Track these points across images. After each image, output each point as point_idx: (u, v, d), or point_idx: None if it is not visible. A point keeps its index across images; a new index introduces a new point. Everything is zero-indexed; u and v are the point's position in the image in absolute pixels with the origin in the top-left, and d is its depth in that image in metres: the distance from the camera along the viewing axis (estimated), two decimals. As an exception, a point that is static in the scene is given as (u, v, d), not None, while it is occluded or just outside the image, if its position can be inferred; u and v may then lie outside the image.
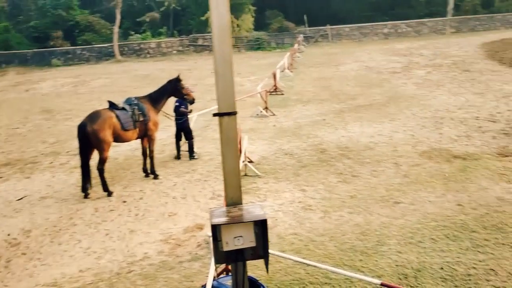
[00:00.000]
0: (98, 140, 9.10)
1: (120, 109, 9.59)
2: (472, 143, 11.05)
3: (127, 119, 9.50)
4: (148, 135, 10.08)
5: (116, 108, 9.57)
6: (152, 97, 10.22)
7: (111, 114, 9.34)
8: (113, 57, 38.12)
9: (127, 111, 9.59)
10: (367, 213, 7.77)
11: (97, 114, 9.28)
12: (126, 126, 9.46)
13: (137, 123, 9.66)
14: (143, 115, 9.76)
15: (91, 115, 9.31)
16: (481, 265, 5.98)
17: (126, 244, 7.28)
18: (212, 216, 3.71)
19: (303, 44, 38.18)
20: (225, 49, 3.46)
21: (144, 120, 9.79)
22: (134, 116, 9.61)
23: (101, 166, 9.37)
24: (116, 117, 9.35)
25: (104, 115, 9.24)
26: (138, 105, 9.77)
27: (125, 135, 9.57)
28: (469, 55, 26.51)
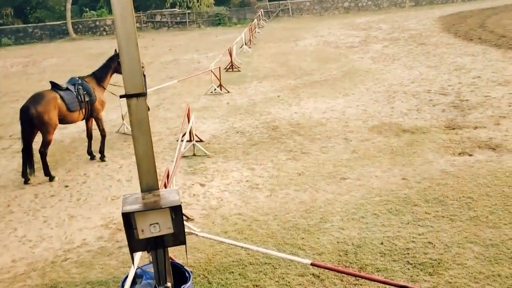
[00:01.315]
0: (43, 122, 8.72)
1: (64, 89, 9.20)
2: (422, 116, 11.15)
3: (72, 100, 9.14)
4: (95, 115, 9.80)
5: (60, 89, 9.18)
6: (96, 75, 9.92)
7: (55, 95, 8.96)
8: (67, 35, 36.71)
9: (72, 92, 9.22)
10: (314, 190, 7.72)
11: (41, 95, 8.88)
12: (72, 108, 9.13)
13: (83, 104, 9.34)
14: (89, 95, 9.44)
15: (34, 96, 8.88)
16: (420, 238, 6.03)
17: (65, 231, 7.01)
18: (124, 203, 3.51)
19: (263, 19, 37.74)
20: (129, 27, 3.22)
21: (90, 100, 9.48)
22: (79, 96, 9.26)
23: (44, 149, 8.97)
24: (61, 98, 8.99)
25: (48, 96, 8.86)
26: (82, 84, 9.42)
27: (71, 116, 9.24)
28: (426, 28, 26.77)
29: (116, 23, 3.21)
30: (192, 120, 9.60)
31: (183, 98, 14.85)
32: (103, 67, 9.98)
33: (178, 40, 30.87)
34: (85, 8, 40.91)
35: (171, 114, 13.03)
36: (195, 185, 8.25)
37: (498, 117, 10.54)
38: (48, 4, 40.16)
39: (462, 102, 11.94)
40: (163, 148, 10.27)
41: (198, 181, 8.43)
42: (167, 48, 27.29)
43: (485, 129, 9.91)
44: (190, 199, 7.73)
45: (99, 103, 9.74)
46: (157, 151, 10.01)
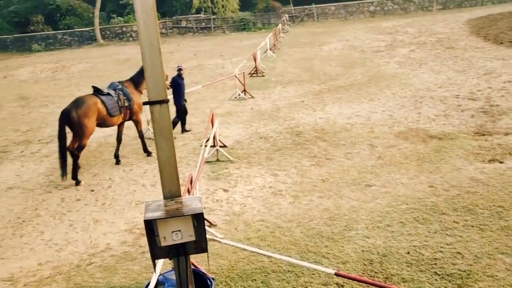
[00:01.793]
0: (81, 126, 9.01)
1: (105, 94, 9.51)
2: (449, 122, 10.90)
3: (113, 105, 9.45)
4: (134, 119, 10.11)
5: (101, 94, 9.49)
6: (134, 80, 10.30)
7: (96, 100, 9.27)
8: (95, 41, 37.41)
9: (113, 97, 9.54)
10: (338, 197, 7.61)
11: (82, 100, 9.16)
12: (112, 112, 9.42)
13: (122, 108, 9.64)
14: (128, 100, 9.76)
15: (76, 101, 9.18)
16: (448, 248, 5.86)
17: (90, 235, 7.08)
18: (146, 210, 3.51)
19: (288, 24, 37.69)
20: (152, 34, 3.22)
21: (129, 105, 9.79)
22: (119, 101, 9.56)
23: (77, 152, 9.23)
24: (102, 103, 9.29)
25: (89, 102, 9.15)
26: (122, 90, 9.75)
27: (110, 120, 9.54)
28: (454, 32, 26.24)
29: (140, 30, 3.21)
30: (216, 126, 9.62)
31: (207, 103, 14.91)
32: (141, 72, 10.08)
33: (203, 46, 31.09)
34: (113, 15, 41.65)
35: (196, 119, 13.08)
36: (218, 191, 8.24)
37: (530, 123, 10.22)
38: (77, 11, 41.05)
39: (492, 108, 11.62)
40: (187, 153, 10.31)
41: (222, 186, 8.41)
42: (192, 53, 27.51)
43: (517, 135, 9.62)
44: (213, 204, 7.72)
45: (138, 106, 10.04)
46: (181, 156, 10.06)
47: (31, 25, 39.50)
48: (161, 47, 5.00)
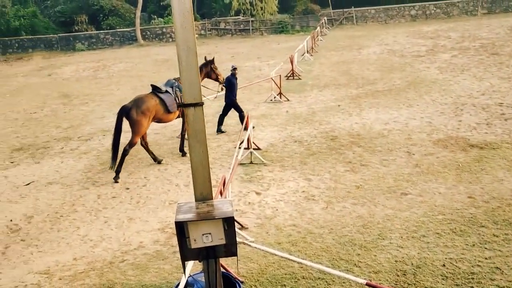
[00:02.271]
0: (137, 124, 9.42)
1: (164, 92, 9.94)
2: (492, 131, 10.52)
3: (171, 102, 9.88)
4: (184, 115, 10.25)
5: (160, 92, 9.92)
6: None
7: (155, 100, 9.70)
8: (136, 41, 38.19)
9: (171, 94, 9.99)
10: (372, 204, 7.46)
11: (142, 100, 9.59)
12: (171, 109, 9.88)
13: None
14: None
15: (136, 99, 9.64)
16: (486, 262, 5.64)
17: (123, 233, 7.21)
18: (178, 212, 3.52)
19: (327, 27, 37.40)
20: (189, 36, 3.23)
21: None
22: (177, 98, 9.96)
23: (128, 147, 9.62)
24: (160, 101, 9.73)
25: (149, 102, 9.57)
26: (179, 86, 10.08)
27: (168, 116, 10.04)
28: (500, 37, 25.35)
29: (177, 33, 3.23)
30: (250, 128, 9.62)
31: (243, 105, 14.88)
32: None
33: (241, 47, 31.24)
34: (153, 16, 42.41)
35: (231, 121, 13.12)
36: (250, 193, 8.23)
37: None
38: (119, 12, 42.01)
39: (537, 117, 11.15)
40: (221, 154, 10.36)
41: (254, 189, 8.40)
42: (230, 55, 27.66)
43: None
44: (245, 207, 7.72)
45: None
46: (215, 157, 10.12)
47: (76, 25, 40.69)
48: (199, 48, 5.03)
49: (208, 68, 11.09)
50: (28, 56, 35.57)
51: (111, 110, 15.71)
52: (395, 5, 41.36)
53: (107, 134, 12.74)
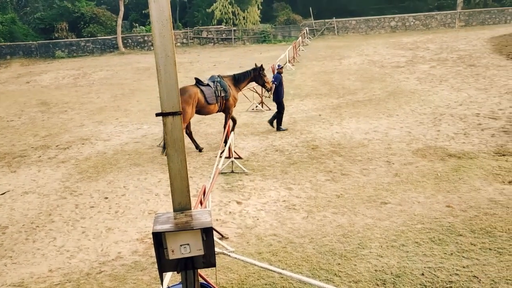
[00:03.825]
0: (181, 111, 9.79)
1: (205, 85, 10.81)
2: (469, 141, 10.69)
3: (211, 94, 10.73)
4: (226, 110, 11.22)
5: (202, 84, 10.80)
6: (235, 77, 11.61)
7: (196, 90, 10.57)
8: (117, 49, 37.94)
9: (211, 87, 10.82)
10: (352, 213, 7.49)
11: (185, 89, 10.40)
12: (210, 101, 10.69)
13: (219, 98, 10.89)
14: (224, 91, 10.98)
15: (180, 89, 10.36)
16: (464, 271, 5.69)
17: (101, 243, 7.08)
18: (155, 222, 3.47)
19: (309, 37, 37.73)
20: (167, 45, 3.21)
21: (225, 96, 10.99)
22: (216, 91, 10.79)
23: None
24: (201, 92, 10.59)
25: (190, 91, 10.45)
26: (220, 82, 11.01)
27: (208, 108, 10.81)
28: (476, 49, 25.91)
29: (155, 41, 3.20)
30: (231, 137, 9.60)
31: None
32: (244, 73, 11.70)
33: (223, 56, 31.28)
34: (135, 24, 42.27)
35: (212, 130, 13.10)
36: (231, 203, 8.19)
37: (553, 145, 9.97)
38: (100, 19, 41.70)
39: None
40: (202, 163, 10.30)
41: (235, 198, 8.36)
42: (212, 64, 27.66)
43: (539, 156, 9.38)
44: (226, 216, 7.66)
45: (232, 99, 11.22)
46: (196, 167, 10.05)
47: (56, 32, 40.26)
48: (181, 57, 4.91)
49: (256, 73, 11.76)
50: (6, 63, 35.00)
51: (91, 118, 15.54)
52: (375, 17, 42.04)
53: (86, 143, 12.58)
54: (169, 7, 3.14)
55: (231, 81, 11.37)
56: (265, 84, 11.94)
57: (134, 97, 18.96)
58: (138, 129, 13.75)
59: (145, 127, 13.90)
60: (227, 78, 11.34)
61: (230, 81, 11.34)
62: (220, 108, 11.04)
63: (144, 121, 14.63)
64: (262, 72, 11.83)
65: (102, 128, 14.12)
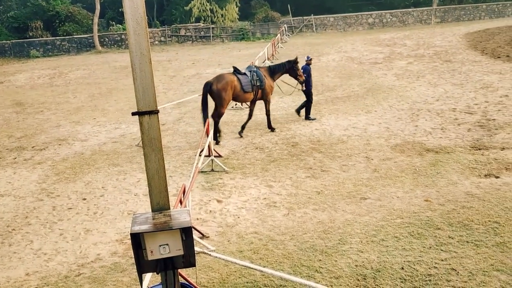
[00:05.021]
0: (219, 97, 11.01)
1: (242, 74, 11.43)
2: (446, 135, 10.86)
3: (247, 83, 11.30)
4: (264, 98, 11.81)
5: (239, 73, 11.43)
6: (270, 68, 12.22)
7: (233, 78, 11.22)
8: (94, 48, 37.40)
9: (248, 76, 11.39)
10: (333, 209, 7.53)
11: (223, 76, 11.26)
12: (246, 89, 11.28)
13: (254, 87, 11.42)
14: (260, 81, 11.50)
15: (218, 77, 11.31)
16: (442, 264, 5.77)
17: (80, 245, 6.96)
18: (133, 223, 3.41)
19: (287, 34, 37.81)
20: (142, 42, 3.15)
21: (260, 85, 11.51)
22: (252, 81, 11.34)
23: (217, 119, 11.26)
24: (238, 80, 11.20)
25: (228, 78, 11.13)
26: (256, 72, 11.55)
27: (243, 96, 11.44)
28: (452, 45, 26.35)
29: (130, 39, 3.14)
30: (211, 135, 9.54)
31: (204, 112, 14.83)
32: (280, 65, 12.29)
33: (202, 54, 31.12)
34: (112, 22, 41.73)
35: (192, 128, 13.01)
36: (212, 201, 8.15)
37: (527, 138, 10.19)
38: (76, 18, 41.02)
39: (488, 122, 11.60)
40: (181, 162, 10.22)
41: (215, 197, 8.32)
42: (190, 62, 27.50)
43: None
44: (206, 215, 7.62)
45: (268, 88, 11.79)
46: (175, 166, 9.98)
47: (30, 31, 39.47)
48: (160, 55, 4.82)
49: (291, 66, 12.18)
50: (-21, 63, 34.18)
51: (67, 119, 15.28)
52: (353, 13, 42.40)
53: (63, 143, 12.36)
54: (143, 4, 3.08)
55: (267, 72, 11.91)
56: (298, 76, 12.33)
57: (112, 96, 18.72)
58: (116, 129, 13.58)
59: (123, 127, 13.74)
60: (263, 69, 11.91)
61: (265, 71, 11.88)
62: (254, 97, 11.59)
63: (122, 121, 14.45)
64: (296, 66, 12.22)
65: (79, 128, 13.90)
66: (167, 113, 14.75)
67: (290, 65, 12.20)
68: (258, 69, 11.68)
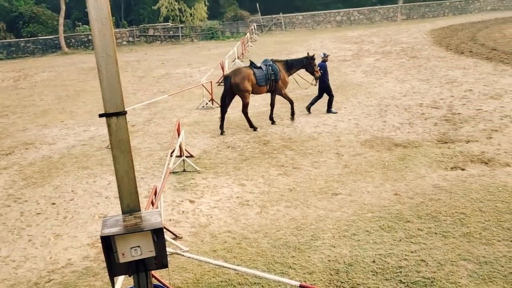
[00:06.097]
0: (239, 89, 11.65)
1: (258, 67, 11.91)
2: (414, 130, 11.10)
3: (262, 77, 11.81)
4: (278, 92, 12.28)
5: (255, 67, 11.93)
6: (287, 62, 12.52)
7: (250, 71, 11.80)
8: (60, 49, 36.58)
9: (263, 70, 11.86)
10: (305, 206, 7.60)
11: (240, 70, 12.00)
12: (260, 82, 11.79)
13: (269, 81, 11.90)
14: (275, 75, 11.95)
15: (235, 70, 12.04)
16: (412, 256, 5.91)
17: (50, 250, 6.82)
18: (104, 226, 3.38)
19: (257, 33, 37.88)
20: (108, 43, 3.11)
21: (275, 79, 11.96)
22: (267, 74, 11.83)
23: (245, 110, 11.87)
24: (253, 74, 11.72)
25: (244, 72, 11.75)
26: (272, 66, 12.02)
27: (258, 88, 11.92)
28: (418, 41, 26.94)
29: (95, 40, 3.10)
30: (182, 135, 9.49)
31: (175, 113, 14.74)
32: (297, 60, 12.66)
33: (171, 54, 30.86)
34: (78, 23, 40.87)
35: (162, 129, 12.90)
36: (184, 202, 8.11)
37: (490, 131, 10.51)
38: (40, 19, 39.95)
39: (454, 116, 11.91)
40: (153, 163, 10.13)
41: (188, 197, 8.28)
42: (160, 62, 27.23)
43: (477, 143, 9.87)
44: (179, 216, 7.58)
45: (282, 82, 12.19)
46: (146, 167, 9.88)
47: (-8, 33, 38.33)
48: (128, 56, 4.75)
49: (308, 62, 12.50)
50: None
51: (34, 122, 14.93)
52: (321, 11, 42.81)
53: (30, 147, 12.07)
54: (108, 4, 3.05)
55: (283, 66, 12.26)
56: (314, 72, 12.63)
57: (80, 98, 18.37)
58: (85, 131, 13.34)
59: (93, 129, 13.51)
60: (279, 63, 12.26)
61: (282, 66, 12.24)
62: (269, 90, 12.06)
63: (91, 123, 14.21)
64: (313, 61, 12.53)
65: (46, 132, 13.60)
66: (137, 114, 14.58)
67: (308, 61, 12.52)
68: (274, 63, 12.10)
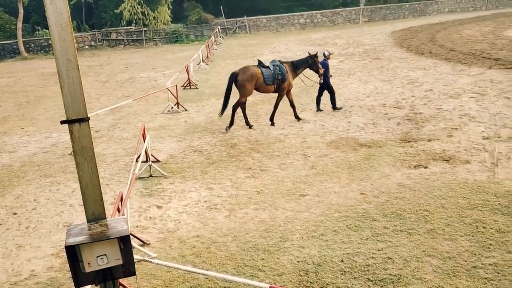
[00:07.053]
0: (243, 87, 11.84)
1: (266, 67, 12.09)
2: (378, 130, 11.32)
3: (269, 76, 11.99)
4: (281, 90, 12.38)
5: (263, 66, 12.12)
6: (294, 63, 12.72)
7: (258, 70, 11.95)
8: (19, 54, 35.50)
9: (271, 70, 12.04)
10: (273, 208, 7.63)
11: (248, 68, 12.04)
12: (267, 81, 11.99)
13: (276, 80, 12.05)
14: (282, 75, 12.12)
15: (244, 68, 12.10)
16: (379, 254, 6.02)
17: (12, 262, 6.60)
18: (68, 235, 3.30)
19: (221, 36, 37.84)
20: (68, 48, 3.04)
21: (282, 79, 12.10)
22: (274, 74, 11.99)
23: (236, 106, 12.15)
24: (261, 73, 11.90)
25: (252, 70, 11.89)
26: (279, 66, 12.19)
27: (265, 87, 12.14)
28: (380, 43, 27.52)
29: (55, 45, 3.02)
30: (147, 140, 9.37)
31: (140, 117, 14.54)
32: (303, 60, 12.78)
33: (134, 58, 30.44)
34: (37, 27, 39.79)
35: (127, 134, 12.70)
36: (151, 208, 8.00)
37: (451, 129, 10.84)
38: (-3, 23, 38.76)
39: (416, 115, 12.22)
40: (118, 169, 9.95)
41: (155, 203, 8.17)
42: (123, 66, 26.82)
43: (439, 141, 10.15)
44: (146, 222, 7.47)
45: (287, 84, 12.35)
46: (112, 173, 9.70)
47: None
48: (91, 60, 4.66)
49: (312, 60, 12.71)
50: None
51: (-7, 130, 14.41)
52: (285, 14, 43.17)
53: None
54: (67, 8, 2.98)
55: (290, 67, 12.45)
56: (318, 70, 12.87)
57: (41, 105, 17.87)
58: (47, 138, 12.98)
59: (55, 136, 13.17)
60: (286, 64, 12.44)
61: (288, 66, 12.42)
62: (275, 89, 12.23)
63: (53, 129, 13.84)
64: (316, 60, 12.77)
65: (6, 140, 13.16)
66: (101, 120, 14.31)
67: (312, 60, 12.73)
68: (282, 64, 12.28)
